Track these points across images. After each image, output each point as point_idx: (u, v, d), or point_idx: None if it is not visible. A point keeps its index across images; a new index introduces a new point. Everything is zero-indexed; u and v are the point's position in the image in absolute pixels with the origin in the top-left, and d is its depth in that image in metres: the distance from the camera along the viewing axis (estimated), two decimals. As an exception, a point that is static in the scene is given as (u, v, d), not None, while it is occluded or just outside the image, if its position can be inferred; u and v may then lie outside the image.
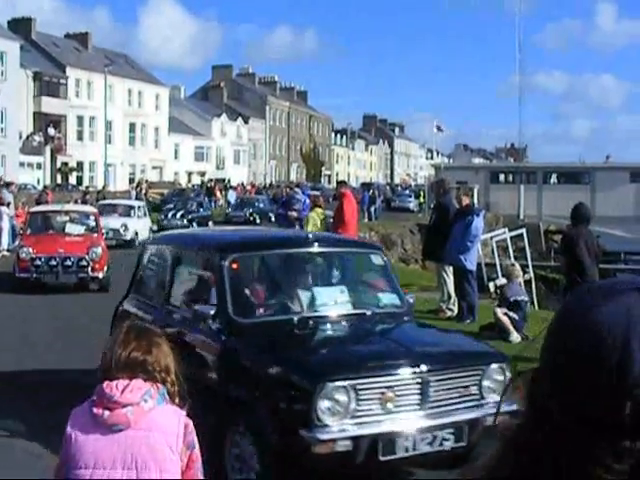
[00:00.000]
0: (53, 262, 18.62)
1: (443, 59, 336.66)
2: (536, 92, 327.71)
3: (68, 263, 18.72)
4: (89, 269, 18.78)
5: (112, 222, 29.99)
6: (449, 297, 14.67)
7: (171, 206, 43.17)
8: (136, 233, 31.11)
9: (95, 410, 3.06)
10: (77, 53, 75.76)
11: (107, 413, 3.03)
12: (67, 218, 21.61)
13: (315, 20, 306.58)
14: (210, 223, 40.27)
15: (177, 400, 3.19)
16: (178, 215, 40.05)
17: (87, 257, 18.76)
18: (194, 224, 37.76)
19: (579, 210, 10.92)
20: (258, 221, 44.43)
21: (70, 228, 20.95)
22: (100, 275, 18.89)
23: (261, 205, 48.45)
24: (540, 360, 1.09)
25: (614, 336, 0.99)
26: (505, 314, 12.31)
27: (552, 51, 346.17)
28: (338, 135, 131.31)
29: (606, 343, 0.99)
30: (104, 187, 50.09)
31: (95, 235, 20.52)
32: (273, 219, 46.58)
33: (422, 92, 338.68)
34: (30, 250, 18.63)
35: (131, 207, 34.22)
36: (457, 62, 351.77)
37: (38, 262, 18.58)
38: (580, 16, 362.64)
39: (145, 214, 34.07)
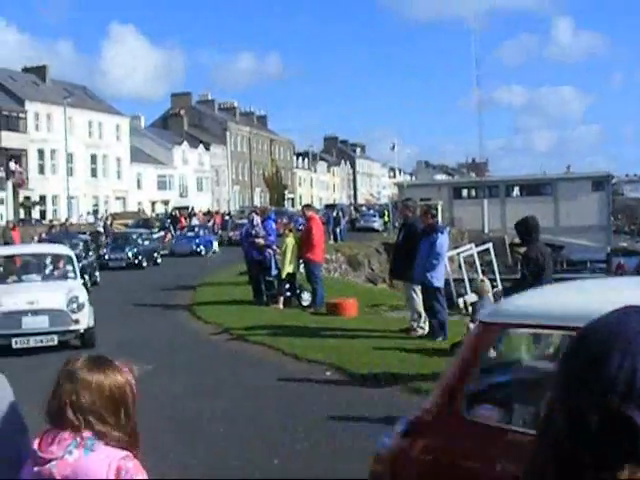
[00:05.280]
0: None
1: (403, 77, 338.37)
2: (496, 106, 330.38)
3: None
4: None
5: (23, 295, 14.79)
6: (419, 316, 14.70)
7: None
8: (76, 320, 14.43)
9: (27, 468, 3.05)
10: (35, 87, 75.41)
11: (36, 469, 3.03)
12: None
13: (277, 45, 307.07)
14: (97, 273, 28.04)
15: (125, 445, 2.94)
16: None
17: None
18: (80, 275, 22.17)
19: (531, 223, 10.12)
20: (144, 264, 33.60)
21: None
22: None
23: (146, 242, 36.64)
24: None
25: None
26: (477, 329, 12.30)
27: (511, 66, 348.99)
28: (300, 158, 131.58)
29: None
30: (67, 220, 49.46)
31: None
32: (159, 260, 35.55)
33: (383, 111, 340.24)
34: None
35: (56, 258, 17.43)
36: (417, 80, 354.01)
37: None
38: (537, 31, 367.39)
39: (74, 272, 16.30)
